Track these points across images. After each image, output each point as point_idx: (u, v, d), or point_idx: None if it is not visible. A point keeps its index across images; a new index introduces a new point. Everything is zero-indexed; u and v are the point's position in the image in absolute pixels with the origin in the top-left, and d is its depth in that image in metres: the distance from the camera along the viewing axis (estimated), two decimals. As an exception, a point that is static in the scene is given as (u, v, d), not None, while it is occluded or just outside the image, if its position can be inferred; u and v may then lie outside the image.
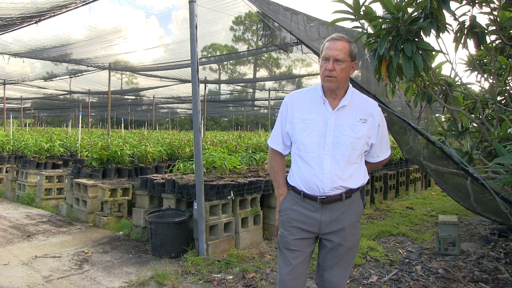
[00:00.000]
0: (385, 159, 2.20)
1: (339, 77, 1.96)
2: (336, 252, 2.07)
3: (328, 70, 1.95)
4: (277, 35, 4.43)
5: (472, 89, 4.73)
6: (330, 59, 1.95)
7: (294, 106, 2.10)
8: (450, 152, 2.89)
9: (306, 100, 2.09)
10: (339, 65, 1.95)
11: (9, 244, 4.70)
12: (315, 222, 2.05)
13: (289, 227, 2.11)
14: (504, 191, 3.27)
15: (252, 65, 35.63)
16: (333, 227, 2.04)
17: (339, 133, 1.99)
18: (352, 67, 2.02)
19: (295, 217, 2.09)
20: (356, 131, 1.99)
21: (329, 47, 1.98)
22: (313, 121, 2.03)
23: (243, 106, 30.21)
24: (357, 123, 2.00)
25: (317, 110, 2.04)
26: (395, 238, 5.10)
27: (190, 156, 7.43)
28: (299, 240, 2.09)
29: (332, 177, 1.98)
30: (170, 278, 3.56)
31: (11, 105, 25.00)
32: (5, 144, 9.32)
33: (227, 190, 4.52)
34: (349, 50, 1.98)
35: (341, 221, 2.03)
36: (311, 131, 2.02)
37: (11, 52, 9.65)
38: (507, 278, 3.58)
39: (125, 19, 57.28)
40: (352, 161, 2.01)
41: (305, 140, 2.03)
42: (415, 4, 2.71)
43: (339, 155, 1.98)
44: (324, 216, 2.03)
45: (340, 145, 1.98)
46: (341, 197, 2.01)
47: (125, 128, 23.16)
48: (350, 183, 2.02)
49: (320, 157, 1.99)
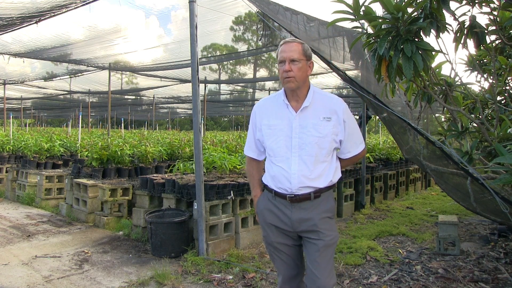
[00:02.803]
0: (358, 154, 2.21)
1: (298, 77, 2.02)
2: (314, 247, 2.08)
3: (286, 71, 2.02)
4: (277, 35, 4.44)
5: (472, 89, 4.73)
6: (286, 61, 2.02)
7: (262, 113, 2.20)
8: (450, 152, 2.89)
9: (271, 106, 2.17)
10: (295, 65, 2.02)
11: (9, 244, 4.70)
12: (287, 220, 2.10)
13: (267, 227, 2.19)
14: (504, 191, 3.27)
15: (252, 65, 35.61)
16: (304, 224, 2.08)
17: (304, 134, 2.04)
18: (309, 66, 2.09)
19: (269, 217, 2.16)
20: (320, 130, 2.04)
21: (283, 50, 2.06)
22: (278, 126, 2.10)
23: (243, 106, 30.22)
24: (321, 122, 2.05)
25: (282, 115, 2.10)
26: (395, 238, 5.10)
27: (190, 156, 7.43)
28: (279, 238, 2.16)
29: (300, 178, 2.03)
30: (170, 278, 3.57)
31: (11, 105, 24.99)
32: (5, 144, 9.32)
33: (227, 190, 4.53)
34: (303, 50, 2.05)
35: (311, 218, 2.07)
36: (278, 136, 2.09)
37: (11, 52, 9.63)
38: (507, 278, 3.58)
39: (125, 19, 57.35)
40: (320, 160, 2.05)
41: (273, 145, 2.11)
42: (415, 4, 2.71)
43: (305, 156, 2.04)
44: (294, 213, 2.08)
45: (306, 145, 2.04)
46: (309, 196, 2.06)
47: (125, 128, 23.18)
48: (318, 183, 2.06)
49: (288, 159, 2.06)
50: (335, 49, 4.90)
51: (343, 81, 4.27)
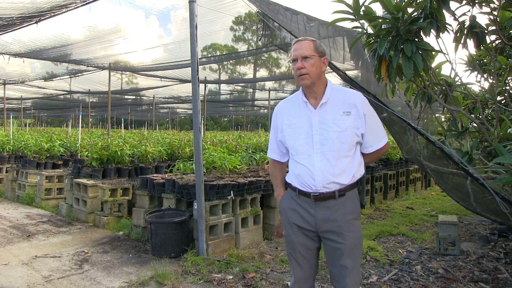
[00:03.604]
0: (381, 149, 2.16)
1: (311, 73, 2.03)
2: (338, 251, 2.07)
3: (299, 68, 2.03)
4: (277, 35, 4.44)
5: (472, 89, 4.73)
6: (298, 59, 2.04)
7: (282, 114, 2.21)
8: (450, 152, 2.89)
9: (291, 106, 2.19)
10: (307, 61, 2.03)
11: (9, 244, 4.70)
12: (311, 219, 2.08)
13: (289, 226, 2.17)
14: (504, 191, 3.27)
15: (252, 65, 35.64)
16: (328, 225, 2.06)
17: (324, 130, 2.04)
18: (323, 62, 2.09)
19: (292, 216, 2.15)
20: (340, 124, 2.02)
21: (295, 48, 2.08)
22: (298, 124, 2.11)
23: (243, 106, 30.22)
24: (340, 117, 2.03)
25: (301, 113, 2.11)
26: (395, 238, 5.10)
27: (190, 156, 7.43)
28: (301, 238, 2.14)
29: (324, 174, 2.02)
30: (170, 278, 3.57)
31: (11, 105, 24.99)
32: (5, 144, 9.32)
33: (227, 190, 4.53)
34: (315, 46, 2.06)
35: (336, 219, 2.05)
36: (299, 134, 2.10)
37: (11, 52, 9.64)
38: (507, 278, 3.58)
39: (125, 19, 57.34)
40: (342, 154, 2.03)
41: (295, 144, 2.11)
42: (415, 4, 2.72)
43: (327, 151, 2.03)
44: (318, 213, 2.06)
45: (327, 141, 2.03)
46: (334, 195, 2.04)
47: (125, 128, 23.17)
48: (341, 179, 2.04)
49: (311, 156, 2.06)
50: (335, 49, 4.91)
51: (343, 81, 4.27)
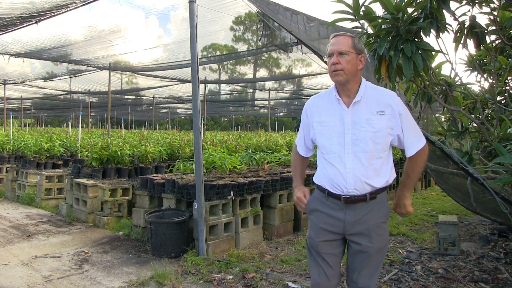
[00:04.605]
0: (423, 149, 2.04)
1: (346, 69, 1.96)
2: (363, 254, 2.02)
3: (333, 64, 1.97)
4: (277, 35, 4.44)
5: (472, 89, 4.73)
6: (334, 54, 1.98)
7: (312, 111, 2.14)
8: (450, 152, 2.89)
9: (322, 103, 2.12)
10: (343, 57, 1.96)
11: (9, 244, 4.70)
12: (339, 222, 2.02)
13: (315, 228, 2.11)
14: (504, 191, 3.27)
15: (252, 65, 35.57)
16: (357, 228, 2.00)
17: (357, 130, 1.97)
18: (360, 60, 2.01)
19: (320, 218, 2.08)
20: (374, 124, 1.95)
21: (332, 43, 2.02)
22: (330, 123, 2.04)
23: (243, 106, 30.22)
24: (374, 117, 1.96)
25: (333, 111, 2.05)
26: (395, 238, 5.10)
27: (190, 156, 7.43)
28: (326, 242, 2.07)
29: (356, 175, 1.96)
30: (170, 278, 3.57)
31: (11, 105, 24.99)
32: (5, 144, 9.32)
33: (227, 190, 4.52)
34: (352, 43, 1.99)
35: (366, 222, 1.99)
36: (330, 132, 2.03)
37: (11, 52, 9.64)
38: (507, 278, 3.58)
39: (125, 19, 57.34)
40: (375, 156, 1.96)
41: (326, 142, 2.05)
42: (415, 4, 2.72)
43: (360, 152, 1.96)
44: (348, 215, 2.00)
45: (360, 141, 1.96)
46: (365, 198, 1.97)
47: (125, 128, 23.15)
48: (374, 181, 1.97)
49: (341, 156, 1.99)
50: (335, 49, 4.89)
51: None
